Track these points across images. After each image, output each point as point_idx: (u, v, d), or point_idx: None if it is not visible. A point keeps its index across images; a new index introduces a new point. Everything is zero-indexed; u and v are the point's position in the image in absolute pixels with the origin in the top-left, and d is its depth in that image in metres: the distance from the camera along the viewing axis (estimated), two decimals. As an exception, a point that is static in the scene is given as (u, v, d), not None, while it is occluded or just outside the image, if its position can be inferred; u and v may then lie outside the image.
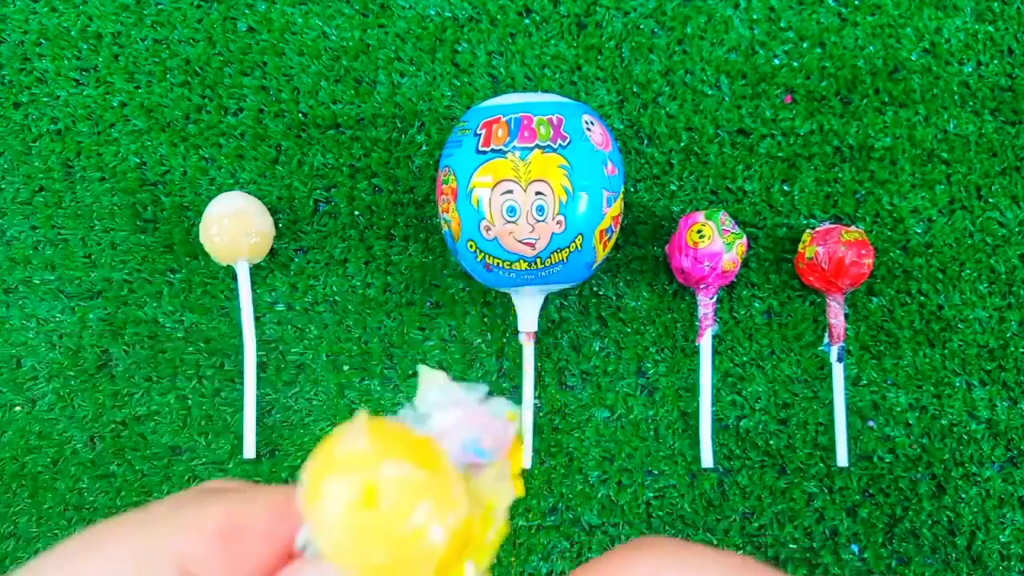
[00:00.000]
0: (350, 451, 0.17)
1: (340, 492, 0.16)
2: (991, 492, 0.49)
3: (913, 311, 0.50)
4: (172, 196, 0.52)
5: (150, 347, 0.51)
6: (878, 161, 0.51)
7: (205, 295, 0.51)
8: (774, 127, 0.51)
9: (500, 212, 0.42)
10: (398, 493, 0.16)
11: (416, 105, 0.52)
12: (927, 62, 0.51)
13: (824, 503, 0.49)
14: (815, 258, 0.47)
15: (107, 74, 0.52)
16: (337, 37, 0.52)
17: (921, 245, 0.50)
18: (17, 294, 0.51)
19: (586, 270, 0.45)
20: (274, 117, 0.52)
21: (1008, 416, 0.49)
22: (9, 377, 0.51)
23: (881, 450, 0.49)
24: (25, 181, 0.52)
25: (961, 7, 0.51)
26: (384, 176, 0.52)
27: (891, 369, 0.50)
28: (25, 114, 0.52)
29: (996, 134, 0.50)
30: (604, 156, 0.43)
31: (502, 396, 0.18)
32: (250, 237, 0.48)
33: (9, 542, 0.50)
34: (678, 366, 0.50)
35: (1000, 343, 0.50)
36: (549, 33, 0.51)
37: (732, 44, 0.51)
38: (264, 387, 0.51)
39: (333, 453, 0.17)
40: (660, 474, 0.50)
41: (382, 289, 0.51)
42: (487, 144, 0.43)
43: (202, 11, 0.52)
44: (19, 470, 0.51)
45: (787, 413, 0.50)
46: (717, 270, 0.47)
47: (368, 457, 0.16)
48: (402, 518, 0.16)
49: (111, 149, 0.52)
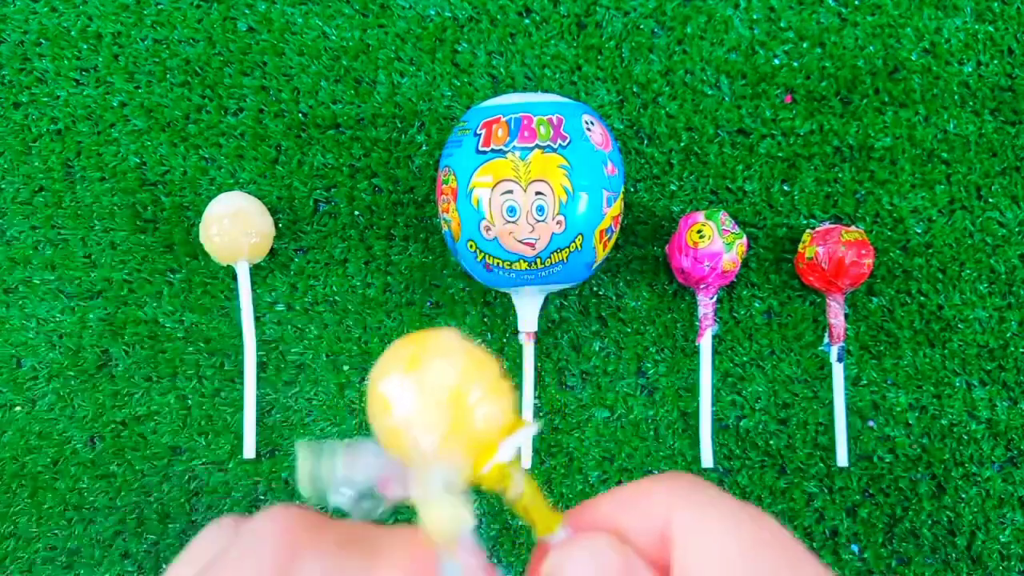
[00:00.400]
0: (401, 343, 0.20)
1: (393, 360, 0.20)
2: (991, 492, 0.49)
3: (913, 311, 0.50)
4: (172, 196, 0.52)
5: (150, 347, 0.51)
6: (878, 161, 0.51)
7: (205, 295, 0.51)
8: (774, 127, 0.51)
9: (500, 212, 0.42)
10: (437, 358, 0.20)
11: (416, 105, 0.52)
12: (927, 62, 0.51)
13: (824, 503, 0.49)
14: (815, 258, 0.47)
15: (107, 74, 0.52)
16: (337, 37, 0.52)
17: (921, 245, 0.50)
18: (17, 294, 0.51)
19: (586, 270, 0.45)
20: (274, 117, 0.52)
21: (1008, 416, 0.49)
22: (9, 377, 0.51)
23: (881, 450, 0.49)
24: (25, 181, 0.52)
25: (961, 7, 0.51)
26: (384, 176, 0.52)
27: (891, 369, 0.50)
28: (25, 114, 0.52)
29: (996, 134, 0.50)
30: (604, 156, 0.43)
31: None
32: (250, 237, 0.48)
33: (9, 542, 0.50)
34: (678, 366, 0.50)
35: (1000, 343, 0.50)
36: (549, 33, 0.51)
37: (732, 44, 0.51)
38: (264, 387, 0.51)
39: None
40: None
41: (382, 289, 0.51)
42: (487, 144, 0.43)
43: (202, 11, 0.52)
44: (19, 470, 0.51)
45: (787, 413, 0.50)
46: (717, 270, 0.47)
47: (413, 339, 0.20)
48: (441, 377, 0.19)
49: (111, 149, 0.52)
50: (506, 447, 0.19)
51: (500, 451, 0.19)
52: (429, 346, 0.20)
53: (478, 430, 0.19)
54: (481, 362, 0.20)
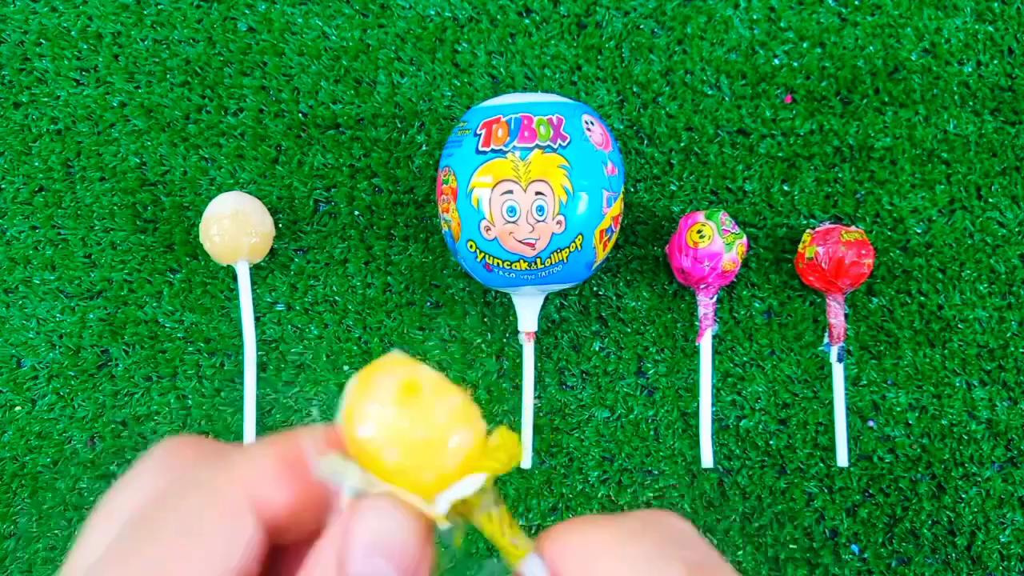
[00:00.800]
0: (391, 360, 0.20)
1: (387, 384, 0.19)
2: (991, 492, 0.49)
3: (913, 311, 0.50)
4: (172, 196, 0.52)
5: (150, 347, 0.51)
6: (878, 161, 0.51)
7: (205, 295, 0.51)
8: (774, 127, 0.51)
9: (500, 212, 0.42)
10: (435, 385, 0.19)
11: (416, 105, 0.52)
12: (927, 62, 0.51)
13: (824, 503, 0.49)
14: (815, 258, 0.47)
15: (107, 74, 0.52)
16: (337, 37, 0.52)
17: (921, 245, 0.50)
18: (17, 294, 0.51)
19: (586, 270, 0.45)
20: (274, 117, 0.52)
21: (1008, 416, 0.49)
22: (9, 377, 0.51)
23: (881, 450, 0.49)
24: (25, 181, 0.52)
25: (961, 7, 0.51)
26: (384, 176, 0.52)
27: (891, 369, 0.50)
28: (25, 114, 0.52)
29: (996, 134, 0.50)
30: (604, 156, 0.43)
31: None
32: (250, 237, 0.48)
33: (9, 542, 0.50)
34: (678, 366, 0.50)
35: (1000, 343, 0.50)
36: (549, 33, 0.51)
37: (732, 44, 0.51)
38: (264, 387, 0.51)
39: (373, 372, 0.19)
40: (660, 474, 0.50)
41: (382, 289, 0.51)
42: (487, 144, 0.43)
43: (202, 11, 0.52)
44: (19, 470, 0.51)
45: (787, 413, 0.50)
46: (717, 270, 0.47)
47: (408, 362, 0.20)
48: (441, 404, 0.19)
49: (111, 149, 0.52)
50: (441, 502, 0.19)
51: (438, 503, 0.19)
52: (421, 376, 0.20)
53: (445, 465, 0.19)
54: (466, 403, 0.20)
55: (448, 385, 0.19)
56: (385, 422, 0.18)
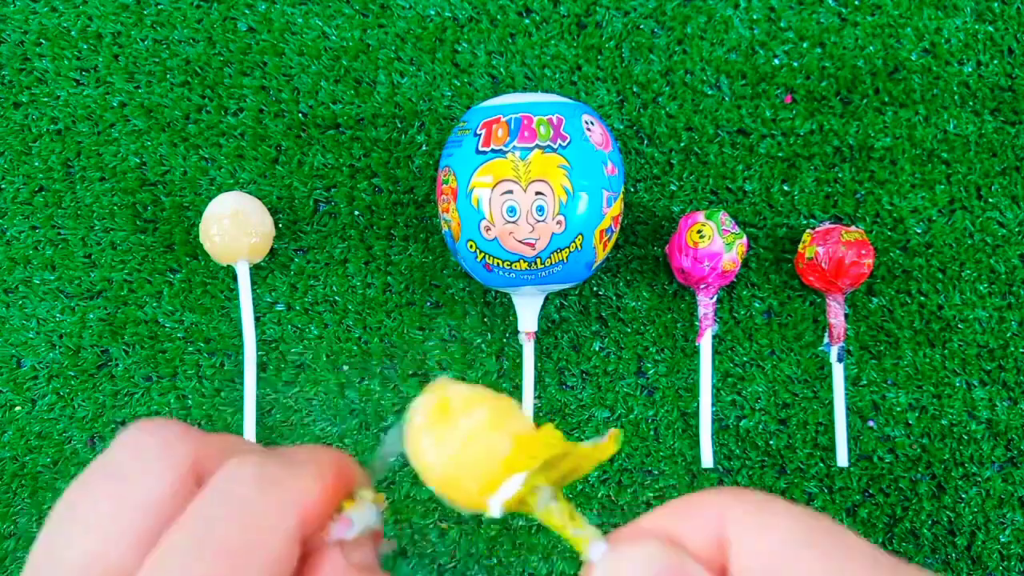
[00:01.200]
0: (432, 387, 0.22)
1: (422, 409, 0.21)
2: (991, 492, 0.49)
3: (913, 311, 0.50)
4: (172, 196, 0.52)
5: (150, 347, 0.51)
6: (878, 161, 0.51)
7: (205, 295, 0.51)
8: (774, 127, 0.51)
9: (500, 212, 0.42)
10: (464, 400, 0.21)
11: (416, 105, 0.52)
12: (927, 62, 0.51)
13: (824, 503, 0.49)
14: (815, 258, 0.47)
15: (107, 74, 0.52)
16: (337, 37, 0.52)
17: (921, 245, 0.50)
18: (17, 294, 0.51)
19: (586, 270, 0.45)
20: (274, 117, 0.52)
21: (1008, 416, 0.49)
22: (9, 377, 0.51)
23: (881, 450, 0.49)
24: (25, 181, 0.52)
25: (961, 7, 0.51)
26: (384, 176, 0.52)
27: (891, 369, 0.50)
28: (25, 114, 0.52)
29: (996, 134, 0.50)
30: (604, 156, 0.43)
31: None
32: (250, 237, 0.48)
33: (9, 542, 0.50)
34: (678, 366, 0.50)
35: (1000, 343, 0.50)
36: (549, 33, 0.51)
37: (732, 44, 0.51)
38: (264, 387, 0.51)
39: (417, 402, 0.22)
40: (660, 474, 0.50)
41: (382, 289, 0.51)
42: (487, 144, 0.43)
43: (202, 11, 0.52)
44: (19, 470, 0.51)
45: (787, 413, 0.50)
46: (717, 270, 0.47)
47: (446, 384, 0.22)
48: (466, 419, 0.21)
49: (111, 149, 0.52)
50: (493, 505, 0.21)
51: (491, 506, 0.21)
52: (452, 395, 0.22)
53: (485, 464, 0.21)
54: (496, 413, 0.22)
55: (478, 398, 0.21)
56: (422, 445, 0.21)
